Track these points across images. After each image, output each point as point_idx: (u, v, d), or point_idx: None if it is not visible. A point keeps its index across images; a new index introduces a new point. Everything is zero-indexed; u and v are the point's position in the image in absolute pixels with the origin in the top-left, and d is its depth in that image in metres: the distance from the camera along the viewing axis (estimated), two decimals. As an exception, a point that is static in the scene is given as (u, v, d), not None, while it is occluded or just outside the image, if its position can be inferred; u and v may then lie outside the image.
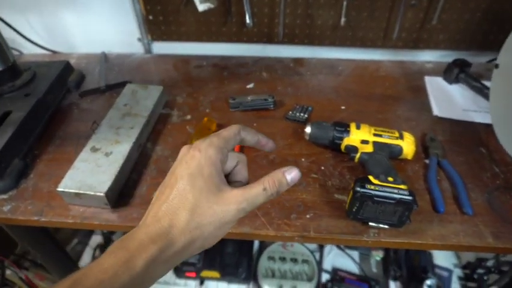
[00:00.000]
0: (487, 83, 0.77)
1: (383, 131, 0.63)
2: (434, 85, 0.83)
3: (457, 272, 0.97)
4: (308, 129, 0.65)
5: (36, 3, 0.90)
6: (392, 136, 0.62)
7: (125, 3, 0.88)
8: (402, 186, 0.50)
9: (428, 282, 0.91)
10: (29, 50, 0.98)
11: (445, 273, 0.95)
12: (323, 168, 0.63)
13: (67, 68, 0.84)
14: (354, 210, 0.52)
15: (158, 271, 0.29)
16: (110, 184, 0.56)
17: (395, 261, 0.97)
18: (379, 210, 0.51)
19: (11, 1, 0.89)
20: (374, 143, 0.61)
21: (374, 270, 1.00)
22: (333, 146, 0.64)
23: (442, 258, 0.98)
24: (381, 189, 0.50)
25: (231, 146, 0.34)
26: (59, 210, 0.57)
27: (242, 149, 0.67)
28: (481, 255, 0.99)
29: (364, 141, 0.61)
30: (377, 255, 1.01)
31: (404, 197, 0.49)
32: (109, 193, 0.55)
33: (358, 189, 0.50)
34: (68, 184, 0.56)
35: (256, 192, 0.32)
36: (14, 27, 0.91)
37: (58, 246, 0.81)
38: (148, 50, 0.97)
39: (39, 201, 0.58)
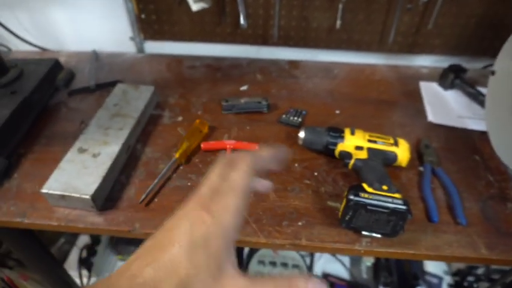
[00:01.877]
0: (482, 90, 0.76)
1: (377, 137, 0.62)
2: (429, 90, 0.82)
3: (447, 279, 0.96)
4: (302, 134, 0.63)
5: (25, -1, 0.88)
6: (386, 142, 0.61)
7: (118, 1, 0.86)
8: (396, 195, 0.49)
9: (418, 289, 0.91)
10: (17, 47, 0.95)
11: (435, 280, 0.95)
12: (316, 174, 0.61)
13: (55, 65, 0.82)
14: (347, 218, 0.50)
15: None
16: (97, 186, 0.54)
17: (385, 267, 0.97)
18: (372, 219, 0.49)
19: (-1, -4, 0.87)
20: (369, 149, 0.60)
21: (365, 276, 0.99)
22: (327, 152, 0.63)
23: (433, 265, 0.98)
24: (375, 197, 0.49)
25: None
26: (43, 212, 0.55)
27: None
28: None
29: (358, 148, 0.60)
30: (368, 261, 1.01)
31: (398, 206, 0.48)
32: (95, 196, 0.53)
33: (352, 197, 0.49)
34: (53, 186, 0.54)
35: None
36: (2, 22, 0.89)
37: (42, 247, 0.79)
38: (141, 50, 0.95)
39: (23, 202, 0.56)
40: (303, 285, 0.25)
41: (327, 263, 1.00)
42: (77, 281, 1.06)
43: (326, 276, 0.98)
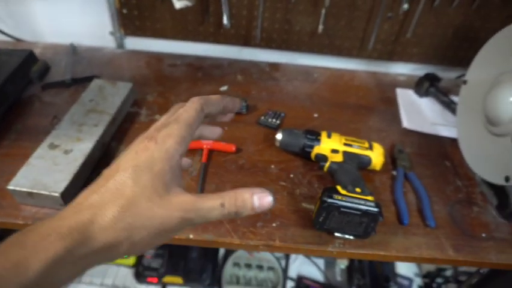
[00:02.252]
0: (454, 98, 0.79)
1: (353, 140, 0.63)
2: (405, 97, 0.84)
3: (417, 281, 0.99)
4: (279, 136, 0.64)
5: (0, -13, 0.84)
6: (362, 146, 0.62)
7: (98, -6, 0.84)
8: (369, 198, 0.50)
9: (389, 291, 0.93)
10: (-10, 36, 0.92)
11: (406, 282, 0.98)
12: (292, 176, 0.62)
13: (30, 57, 0.79)
14: (320, 220, 0.51)
15: (62, 275, 0.23)
16: (67, 184, 0.52)
17: (359, 269, 0.98)
18: (345, 221, 0.50)
19: (-28, -17, 0.83)
20: (344, 152, 0.61)
21: (339, 278, 1.01)
22: (304, 154, 0.64)
23: (404, 267, 1.00)
24: (348, 200, 0.49)
25: (194, 132, 0.29)
26: (9, 210, 0.53)
27: (210, 155, 0.65)
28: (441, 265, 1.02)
29: (334, 151, 0.61)
30: (342, 264, 1.02)
31: (370, 208, 0.49)
32: (65, 193, 0.52)
33: (325, 199, 0.49)
34: (21, 182, 0.52)
35: (211, 205, 0.27)
36: (-26, 10, 0.85)
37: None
38: (120, 45, 0.93)
39: (-13, 200, 0.54)
40: (248, 197, 0.27)
41: (302, 266, 1.01)
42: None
43: (300, 279, 0.99)
